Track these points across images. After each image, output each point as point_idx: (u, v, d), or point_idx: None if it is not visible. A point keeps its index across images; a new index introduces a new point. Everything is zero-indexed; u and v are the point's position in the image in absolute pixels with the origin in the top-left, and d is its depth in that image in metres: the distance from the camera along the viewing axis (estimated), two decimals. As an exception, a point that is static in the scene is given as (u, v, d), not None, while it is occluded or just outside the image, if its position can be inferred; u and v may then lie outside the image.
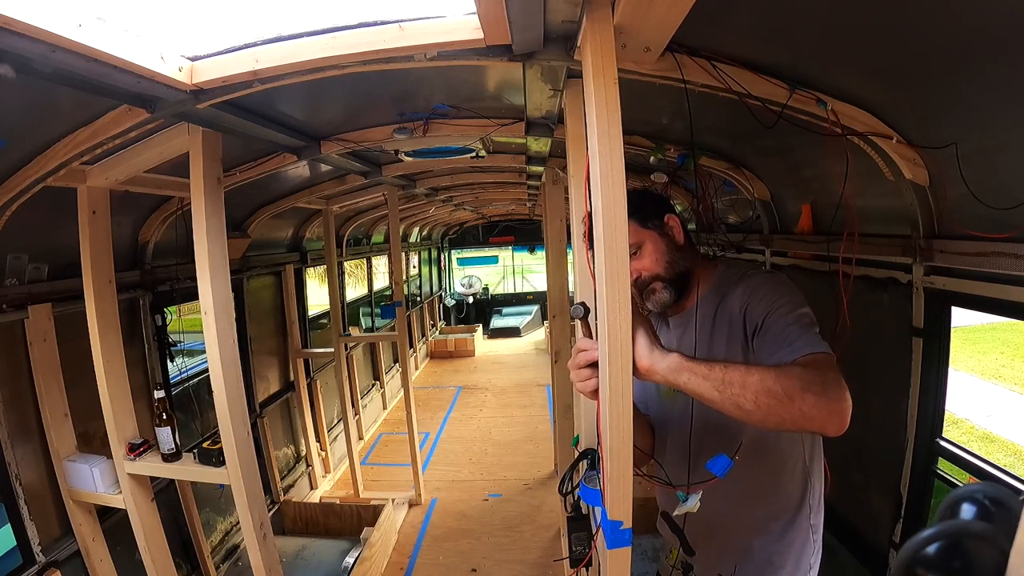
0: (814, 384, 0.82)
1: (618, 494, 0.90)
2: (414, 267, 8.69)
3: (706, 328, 1.14)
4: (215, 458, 1.76)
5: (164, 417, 1.81)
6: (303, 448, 4.08)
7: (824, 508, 1.20)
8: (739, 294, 1.09)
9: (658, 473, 1.18)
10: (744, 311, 1.07)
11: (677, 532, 1.25)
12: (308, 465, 4.09)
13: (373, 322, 6.42)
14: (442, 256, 10.65)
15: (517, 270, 13.42)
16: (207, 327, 1.57)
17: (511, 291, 12.74)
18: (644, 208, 1.16)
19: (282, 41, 1.15)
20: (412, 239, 8.06)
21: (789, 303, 1.02)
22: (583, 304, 0.99)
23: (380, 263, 6.82)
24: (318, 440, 4.27)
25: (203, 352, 1.79)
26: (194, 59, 1.19)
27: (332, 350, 4.02)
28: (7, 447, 1.76)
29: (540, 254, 9.83)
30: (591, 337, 0.97)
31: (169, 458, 1.83)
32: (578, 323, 1.00)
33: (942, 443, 1.52)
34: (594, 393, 0.93)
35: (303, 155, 2.10)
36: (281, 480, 3.65)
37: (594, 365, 0.93)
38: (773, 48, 1.20)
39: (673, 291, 1.16)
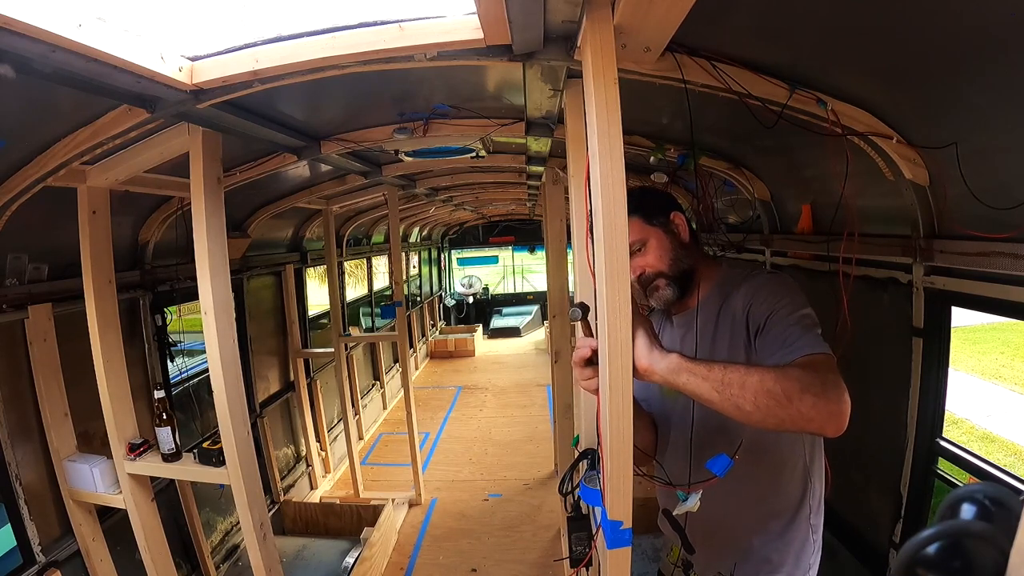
0: (813, 385, 0.82)
1: (618, 494, 0.90)
2: (414, 267, 8.69)
3: (709, 327, 1.14)
4: (215, 458, 1.76)
5: (164, 417, 1.81)
6: (303, 448, 4.08)
7: (824, 508, 1.20)
8: (742, 294, 1.09)
9: (658, 472, 1.18)
10: (747, 311, 1.07)
11: (678, 530, 1.25)
12: (308, 465, 4.09)
13: (373, 322, 6.42)
14: (442, 256, 10.65)
15: (517, 270, 13.42)
16: (207, 327, 1.57)
17: (511, 291, 12.74)
18: (650, 205, 1.17)
19: (282, 41, 1.15)
20: (412, 239, 8.06)
21: (791, 304, 1.02)
22: (581, 304, 0.99)
23: (380, 263, 6.82)
24: (318, 440, 4.27)
25: (203, 352, 1.79)
26: (194, 59, 1.19)
27: (332, 350, 4.02)
28: (7, 447, 1.77)
29: (540, 254, 9.83)
30: (592, 336, 0.97)
31: (169, 458, 1.83)
32: (578, 324, 1.00)
33: (942, 443, 1.52)
34: (598, 391, 0.93)
35: (303, 155, 2.10)
36: (281, 480, 3.65)
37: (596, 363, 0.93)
38: (773, 48, 1.20)
39: (676, 289, 1.17)
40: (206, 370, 1.85)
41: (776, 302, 1.03)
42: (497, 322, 10.48)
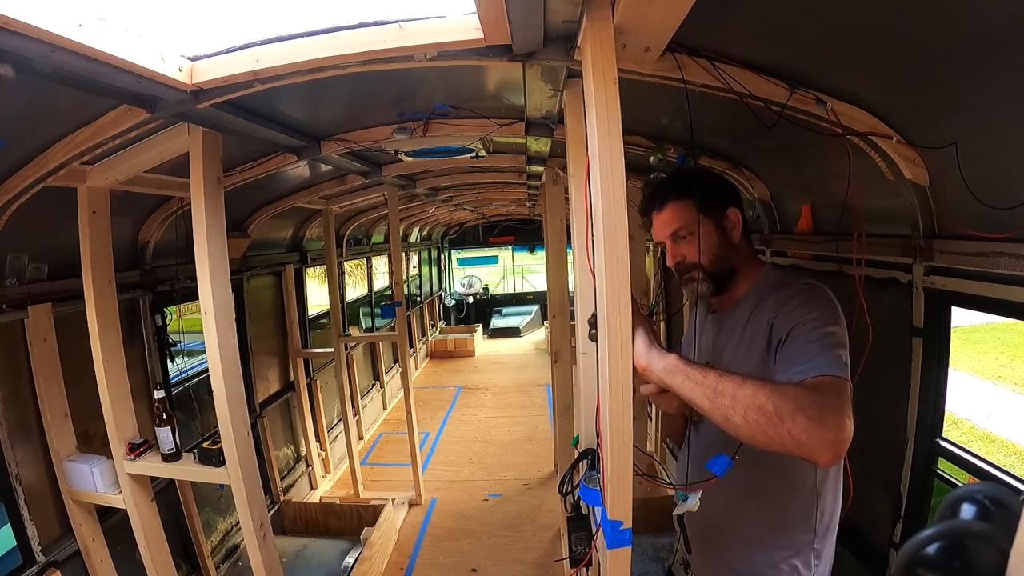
0: (810, 408, 0.77)
1: (618, 494, 0.90)
2: (414, 267, 8.69)
3: (737, 332, 1.11)
4: (215, 458, 1.76)
5: (164, 417, 1.81)
6: (303, 448, 4.08)
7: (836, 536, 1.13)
8: (772, 303, 1.04)
9: (659, 472, 1.18)
10: (771, 321, 1.02)
11: (680, 527, 1.25)
12: (308, 465, 4.09)
13: (373, 322, 6.42)
14: (442, 256, 10.65)
15: (517, 270, 13.42)
16: (207, 327, 1.57)
17: (511, 291, 12.74)
18: (707, 192, 1.12)
19: (282, 41, 1.15)
20: (412, 239, 8.06)
21: (819, 320, 0.95)
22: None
23: (380, 263, 6.82)
24: (318, 440, 4.27)
25: (203, 352, 1.79)
26: (194, 59, 1.19)
27: (332, 350, 4.03)
28: (7, 447, 1.76)
29: (540, 254, 9.84)
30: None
31: (169, 458, 1.83)
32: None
33: (942, 443, 1.52)
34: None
35: (303, 155, 2.10)
36: (281, 480, 3.65)
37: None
38: (773, 48, 1.20)
39: (711, 286, 1.13)
40: (206, 370, 1.85)
41: (802, 315, 0.97)
42: (497, 322, 10.49)
